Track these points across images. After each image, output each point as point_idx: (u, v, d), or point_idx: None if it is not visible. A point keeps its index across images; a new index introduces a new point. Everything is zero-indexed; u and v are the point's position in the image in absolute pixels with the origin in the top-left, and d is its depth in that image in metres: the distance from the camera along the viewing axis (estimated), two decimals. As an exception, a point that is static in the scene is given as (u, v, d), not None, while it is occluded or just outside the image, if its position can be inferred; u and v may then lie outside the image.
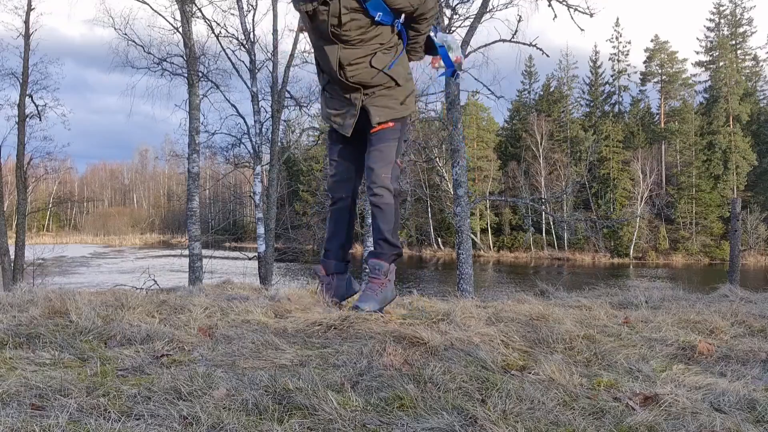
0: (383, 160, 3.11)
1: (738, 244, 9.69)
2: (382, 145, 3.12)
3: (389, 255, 3.19)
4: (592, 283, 6.43)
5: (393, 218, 3.13)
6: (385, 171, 3.10)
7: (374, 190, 3.10)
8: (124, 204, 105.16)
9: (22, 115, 20.39)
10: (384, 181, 3.09)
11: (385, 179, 3.09)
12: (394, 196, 3.12)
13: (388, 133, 3.13)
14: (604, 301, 4.18)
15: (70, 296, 3.16)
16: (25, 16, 20.74)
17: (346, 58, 3.03)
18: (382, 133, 3.13)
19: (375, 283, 3.12)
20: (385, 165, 3.10)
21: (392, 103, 3.12)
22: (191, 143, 15.67)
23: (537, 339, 2.64)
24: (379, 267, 3.15)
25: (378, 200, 3.11)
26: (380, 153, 3.11)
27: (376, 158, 3.12)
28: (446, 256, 53.47)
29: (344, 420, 1.62)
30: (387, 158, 3.11)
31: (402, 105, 3.14)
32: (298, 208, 45.83)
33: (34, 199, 42.77)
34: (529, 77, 62.97)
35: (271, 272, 16.43)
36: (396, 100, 3.12)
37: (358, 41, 3.00)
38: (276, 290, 4.37)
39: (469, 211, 13.36)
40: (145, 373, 2.04)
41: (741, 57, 57.41)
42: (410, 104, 3.19)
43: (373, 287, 3.11)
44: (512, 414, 1.70)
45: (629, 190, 54.31)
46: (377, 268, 3.16)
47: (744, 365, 2.44)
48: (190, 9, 15.92)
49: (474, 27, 12.95)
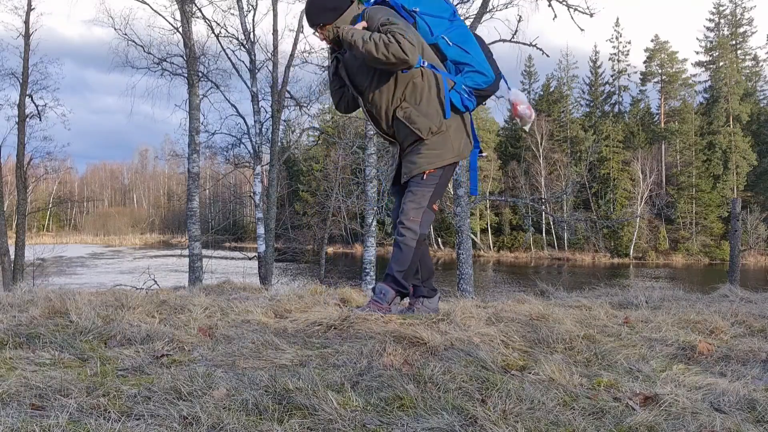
0: (415, 203, 3.16)
1: (738, 244, 9.69)
2: (416, 188, 3.18)
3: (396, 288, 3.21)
4: (592, 283, 6.44)
5: (408, 261, 3.15)
6: (415, 214, 3.15)
7: (400, 228, 3.16)
8: (124, 204, 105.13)
9: (22, 115, 20.38)
10: (411, 224, 3.14)
11: (413, 221, 3.14)
12: (417, 241, 3.15)
13: (426, 179, 3.17)
14: (604, 301, 4.18)
15: (70, 296, 3.16)
16: (25, 16, 20.73)
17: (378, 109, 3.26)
18: (419, 178, 3.18)
19: (375, 306, 3.13)
20: (416, 207, 3.15)
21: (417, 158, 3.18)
22: (191, 143, 15.67)
23: (537, 339, 2.64)
24: (385, 292, 3.18)
25: (400, 239, 3.16)
26: (413, 196, 3.17)
27: (409, 200, 3.18)
28: (446, 256, 53.43)
29: (344, 420, 1.62)
30: (419, 202, 3.16)
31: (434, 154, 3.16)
32: (298, 208, 45.83)
33: (34, 199, 42.76)
34: (529, 77, 62.94)
35: (271, 272, 16.43)
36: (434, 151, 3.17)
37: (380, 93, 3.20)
38: (276, 290, 4.37)
39: (469, 211, 13.36)
40: (145, 373, 2.04)
41: (741, 57, 57.38)
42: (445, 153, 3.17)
43: (372, 308, 3.11)
44: (512, 414, 1.70)
45: (629, 190, 54.27)
46: (383, 292, 3.18)
47: (744, 365, 2.44)
48: (190, 9, 15.92)
49: (474, 27, 12.94)
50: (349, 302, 3.69)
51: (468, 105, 3.22)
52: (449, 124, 3.16)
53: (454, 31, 3.26)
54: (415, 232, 3.13)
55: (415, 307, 3.29)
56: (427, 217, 3.17)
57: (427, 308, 3.28)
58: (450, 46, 3.24)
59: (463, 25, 3.33)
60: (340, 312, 2.92)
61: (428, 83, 3.12)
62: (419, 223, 3.14)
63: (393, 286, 3.17)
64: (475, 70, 3.24)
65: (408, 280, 3.20)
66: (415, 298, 3.34)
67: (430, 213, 3.20)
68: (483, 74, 3.24)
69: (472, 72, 3.24)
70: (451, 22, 3.28)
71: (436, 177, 3.17)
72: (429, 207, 3.18)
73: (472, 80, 3.24)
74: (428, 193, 3.16)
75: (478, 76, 3.24)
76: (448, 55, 3.25)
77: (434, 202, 3.21)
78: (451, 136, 3.17)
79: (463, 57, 3.24)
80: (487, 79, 3.26)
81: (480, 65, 3.25)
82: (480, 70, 3.24)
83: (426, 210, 3.16)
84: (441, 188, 3.24)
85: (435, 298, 3.37)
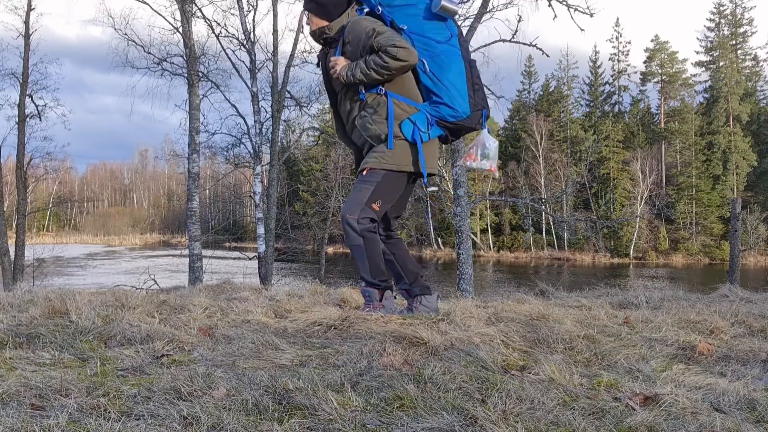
0: (354, 197, 3.18)
1: (738, 244, 9.69)
2: (357, 184, 3.23)
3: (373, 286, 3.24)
4: (592, 283, 6.44)
5: (365, 258, 3.17)
6: (351, 209, 3.16)
7: (345, 229, 3.18)
8: (124, 204, 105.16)
9: (22, 115, 20.38)
10: (350, 220, 3.14)
11: (351, 218, 3.14)
12: (361, 236, 3.14)
13: (367, 176, 3.19)
14: (604, 301, 4.18)
15: (70, 296, 3.16)
16: (25, 16, 20.73)
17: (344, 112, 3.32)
18: (361, 176, 3.22)
19: (368, 307, 3.20)
20: (353, 202, 3.17)
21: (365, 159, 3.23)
22: (191, 143, 15.66)
23: (537, 339, 2.64)
24: (371, 294, 3.23)
25: (347, 240, 3.19)
26: (354, 191, 3.22)
27: (350, 195, 3.23)
28: (446, 256, 53.44)
29: (344, 420, 1.62)
30: (358, 197, 3.16)
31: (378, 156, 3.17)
32: (298, 208, 45.87)
33: (34, 199, 42.73)
34: (528, 77, 62.96)
35: (271, 272, 16.43)
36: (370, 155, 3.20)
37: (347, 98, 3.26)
38: (276, 290, 4.37)
39: (469, 211, 13.36)
40: (145, 373, 2.04)
41: (741, 57, 57.39)
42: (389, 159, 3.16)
43: (368, 309, 3.17)
44: (512, 414, 1.70)
45: (629, 190, 54.27)
46: (367, 294, 3.25)
47: (744, 365, 2.43)
48: (190, 9, 15.90)
49: (474, 27, 12.93)
50: (349, 302, 3.70)
51: (421, 137, 3.14)
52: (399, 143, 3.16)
53: (439, 56, 3.15)
54: (354, 229, 3.14)
55: (414, 307, 3.29)
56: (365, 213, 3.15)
57: (426, 307, 3.27)
58: (424, 72, 3.16)
59: (453, 52, 3.18)
60: (340, 312, 2.93)
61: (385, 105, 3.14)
62: (356, 219, 3.13)
63: (370, 285, 3.22)
64: (443, 102, 3.15)
65: (376, 274, 3.20)
66: (412, 298, 3.34)
67: (368, 210, 3.16)
68: (450, 107, 3.14)
69: (440, 104, 3.15)
70: (441, 44, 3.16)
71: (378, 176, 3.15)
72: (368, 205, 3.15)
73: (437, 111, 3.17)
74: (367, 189, 3.15)
75: (444, 108, 3.15)
76: (421, 80, 3.19)
77: (374, 202, 3.17)
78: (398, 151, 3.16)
79: (434, 87, 3.16)
80: (456, 114, 3.15)
81: (450, 99, 3.13)
82: (448, 103, 3.14)
83: (364, 207, 3.15)
84: (383, 189, 3.18)
85: (433, 297, 3.35)
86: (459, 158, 3.54)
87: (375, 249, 3.20)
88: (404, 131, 3.13)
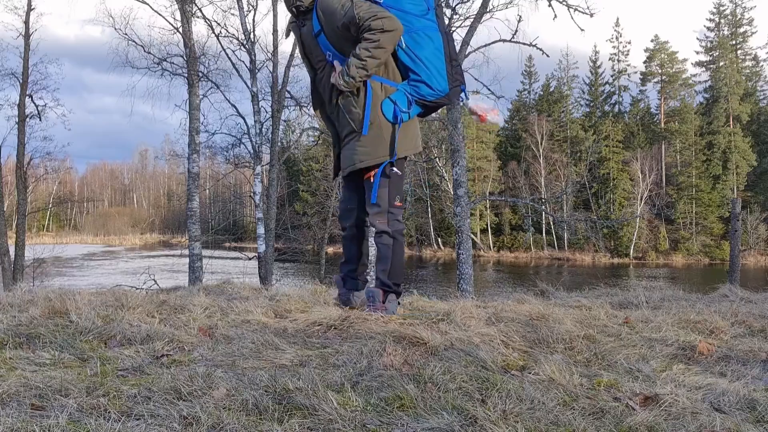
0: (377, 208, 3.16)
1: (738, 244, 9.68)
2: (370, 193, 3.16)
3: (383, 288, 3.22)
4: (592, 283, 6.43)
5: (389, 259, 3.18)
6: (380, 218, 3.16)
7: (375, 232, 3.19)
8: (124, 204, 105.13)
9: (22, 115, 20.38)
10: (380, 227, 3.16)
11: (381, 225, 3.16)
12: (393, 238, 3.16)
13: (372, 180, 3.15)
14: (604, 301, 4.17)
15: (70, 296, 3.16)
16: (25, 16, 20.72)
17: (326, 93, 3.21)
18: (368, 182, 3.17)
19: (371, 308, 3.16)
20: (378, 212, 3.16)
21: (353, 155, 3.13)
22: (191, 143, 15.65)
23: (537, 339, 2.64)
24: (374, 295, 3.19)
25: (377, 240, 3.20)
26: (373, 205, 3.17)
27: (370, 208, 3.18)
28: (446, 256, 53.43)
29: (344, 420, 1.62)
30: (381, 205, 3.15)
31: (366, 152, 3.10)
32: (298, 208, 45.87)
33: (34, 199, 42.72)
34: (529, 77, 62.94)
35: (271, 272, 16.42)
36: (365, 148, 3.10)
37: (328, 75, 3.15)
38: (276, 290, 4.37)
39: (469, 211, 13.35)
40: (145, 373, 2.04)
41: (741, 57, 57.36)
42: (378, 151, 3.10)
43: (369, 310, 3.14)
44: (512, 414, 1.70)
45: (629, 190, 54.25)
46: (372, 295, 3.20)
47: (744, 365, 2.43)
48: (190, 9, 15.90)
49: (474, 27, 12.93)
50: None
51: (402, 117, 3.08)
52: (380, 124, 3.07)
53: (417, 32, 3.06)
54: (387, 233, 3.16)
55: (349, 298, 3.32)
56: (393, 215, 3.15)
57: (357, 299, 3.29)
58: (401, 48, 3.06)
59: (430, 26, 3.09)
60: (340, 312, 2.92)
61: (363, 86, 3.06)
62: (386, 224, 3.16)
63: (381, 286, 3.19)
64: (422, 81, 3.07)
65: (394, 276, 3.20)
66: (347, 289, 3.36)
67: (394, 210, 3.16)
68: (429, 86, 3.07)
69: (418, 82, 3.08)
70: (419, 19, 3.07)
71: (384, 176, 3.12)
72: (392, 206, 3.15)
73: (416, 90, 3.09)
74: (384, 194, 3.13)
75: (423, 87, 3.08)
76: (399, 56, 3.08)
77: (394, 199, 3.16)
78: (383, 136, 3.09)
79: (412, 64, 3.07)
80: (434, 93, 3.09)
81: (429, 77, 3.06)
82: (426, 81, 3.07)
83: (390, 211, 3.15)
84: (396, 184, 3.16)
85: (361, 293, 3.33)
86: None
87: (401, 251, 3.23)
88: (385, 112, 3.06)
